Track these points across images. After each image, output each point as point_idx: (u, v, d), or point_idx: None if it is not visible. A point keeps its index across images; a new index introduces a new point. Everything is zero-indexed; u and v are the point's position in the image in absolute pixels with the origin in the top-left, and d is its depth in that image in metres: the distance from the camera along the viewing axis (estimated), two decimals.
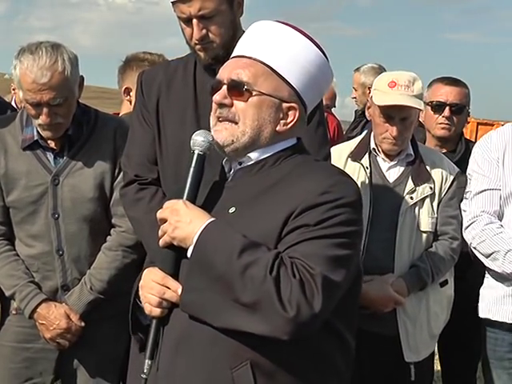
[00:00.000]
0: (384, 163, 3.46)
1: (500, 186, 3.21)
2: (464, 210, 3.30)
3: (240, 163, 2.13)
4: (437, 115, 4.00)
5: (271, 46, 2.08)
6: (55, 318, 3.05)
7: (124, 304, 3.14)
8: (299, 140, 2.18)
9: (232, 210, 2.04)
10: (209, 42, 2.71)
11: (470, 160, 3.35)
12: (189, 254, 1.97)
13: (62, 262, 3.08)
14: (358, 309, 2.15)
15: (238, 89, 2.05)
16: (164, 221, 2.05)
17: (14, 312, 3.18)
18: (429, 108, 4.02)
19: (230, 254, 1.89)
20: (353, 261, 1.99)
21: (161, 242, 2.05)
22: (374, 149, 3.48)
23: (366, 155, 3.46)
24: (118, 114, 4.05)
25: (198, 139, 2.10)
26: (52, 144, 3.06)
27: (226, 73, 2.09)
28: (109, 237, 3.14)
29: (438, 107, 4.00)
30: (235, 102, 2.06)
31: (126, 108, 3.97)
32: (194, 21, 2.68)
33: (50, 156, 3.07)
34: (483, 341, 3.32)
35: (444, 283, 3.48)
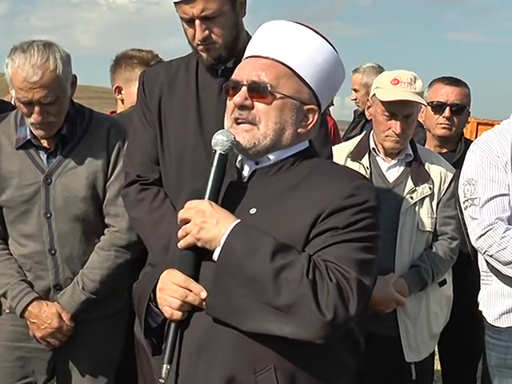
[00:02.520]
0: (384, 163, 3.47)
1: (508, 190, 3.14)
2: (474, 218, 3.15)
3: (257, 163, 2.09)
4: (437, 115, 4.00)
5: (289, 46, 2.04)
6: (47, 317, 3.05)
7: (118, 304, 3.14)
8: (311, 142, 2.16)
9: (253, 210, 2.00)
10: (211, 42, 2.71)
11: (470, 165, 3.20)
12: (215, 256, 1.93)
13: (54, 262, 3.08)
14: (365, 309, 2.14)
15: (259, 91, 2.01)
16: (186, 221, 1.98)
17: (7, 311, 3.17)
18: (429, 108, 4.02)
19: (262, 257, 1.85)
20: (376, 264, 1.98)
21: (182, 243, 1.98)
22: (373, 149, 3.48)
23: (366, 155, 3.46)
24: (115, 111, 4.05)
25: (220, 138, 2.02)
26: (45, 143, 3.05)
27: (245, 74, 2.04)
28: (102, 236, 3.13)
29: (438, 107, 4.00)
30: (256, 103, 2.01)
31: (120, 107, 3.97)
32: (197, 21, 2.68)
33: (43, 155, 3.06)
34: (489, 349, 3.23)
35: (443, 283, 3.48)
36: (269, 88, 2.00)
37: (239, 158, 2.11)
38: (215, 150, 2.02)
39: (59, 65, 2.90)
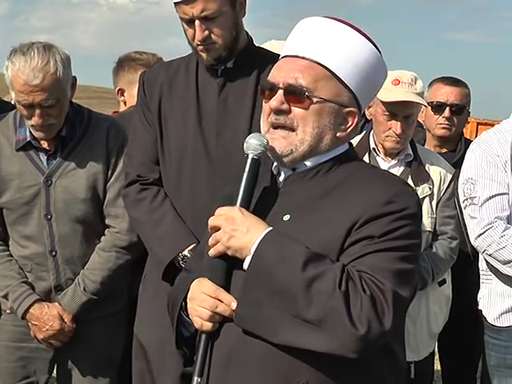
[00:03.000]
0: (384, 163, 3.47)
1: (507, 189, 3.14)
2: (473, 217, 3.16)
3: (294, 169, 1.99)
4: (437, 115, 4.01)
5: (327, 46, 1.93)
6: (48, 319, 3.05)
7: (118, 304, 3.14)
8: (351, 145, 2.06)
9: (286, 217, 1.92)
10: (211, 42, 2.71)
11: (469, 163, 3.22)
12: (245, 265, 1.85)
13: (55, 263, 3.07)
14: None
15: (296, 95, 1.90)
16: (217, 229, 1.90)
17: (8, 311, 3.17)
18: (429, 108, 4.02)
19: (294, 267, 1.77)
20: (415, 275, 1.89)
21: (212, 252, 1.90)
22: (373, 149, 3.49)
23: (366, 155, 3.47)
24: (117, 111, 4.04)
25: (253, 143, 1.94)
26: (45, 145, 3.04)
27: (281, 76, 1.93)
28: (102, 237, 3.12)
29: (438, 107, 4.00)
30: (293, 108, 1.92)
31: (122, 109, 3.96)
32: (197, 22, 2.68)
33: (43, 157, 3.06)
34: (488, 348, 3.24)
35: (442, 282, 3.48)
36: (306, 92, 1.90)
37: (275, 162, 2.02)
38: (247, 155, 1.95)
39: (59, 67, 2.89)
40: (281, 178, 2.01)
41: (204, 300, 1.89)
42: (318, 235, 1.85)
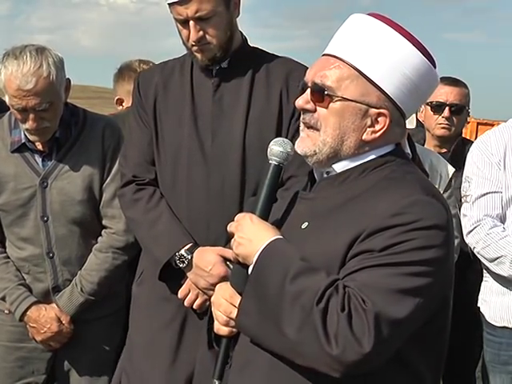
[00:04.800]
0: None
1: (501, 188, 3.16)
2: (465, 215, 3.22)
3: (327, 173, 1.94)
4: (436, 115, 4.01)
5: (362, 46, 1.87)
6: (46, 321, 3.05)
7: (115, 304, 3.15)
8: (397, 146, 1.95)
9: (305, 225, 1.88)
10: (206, 43, 2.70)
11: (467, 162, 3.27)
12: (249, 273, 1.85)
13: (52, 265, 3.07)
14: (446, 344, 1.93)
15: (319, 94, 1.87)
16: (233, 235, 1.92)
17: (6, 312, 3.16)
18: (428, 108, 4.03)
19: (284, 278, 1.73)
20: (428, 291, 1.74)
21: (230, 256, 1.98)
22: None
23: None
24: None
25: (276, 149, 1.94)
26: (40, 146, 3.04)
27: (311, 74, 1.90)
28: (99, 238, 3.12)
29: (437, 107, 4.01)
30: (318, 107, 1.88)
31: None
32: (191, 22, 2.67)
33: (38, 158, 3.05)
34: (485, 345, 3.29)
35: None
36: (326, 91, 1.85)
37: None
38: (270, 161, 1.95)
39: (52, 71, 2.88)
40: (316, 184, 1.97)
41: (221, 304, 1.94)
42: (324, 246, 1.80)
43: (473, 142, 4.40)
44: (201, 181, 2.73)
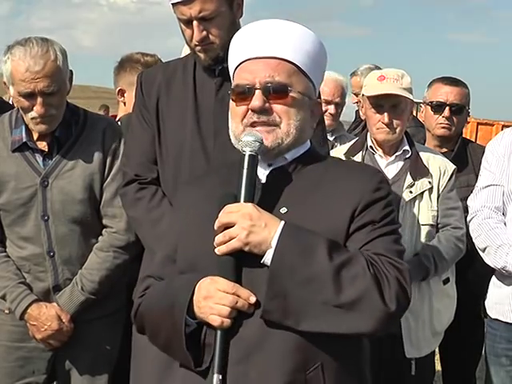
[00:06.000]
0: (382, 160, 3.48)
1: (503, 182, 3.20)
2: (469, 205, 3.31)
3: (269, 164, 2.07)
4: (437, 115, 4.01)
5: (287, 44, 2.03)
6: (46, 319, 3.05)
7: (116, 303, 3.15)
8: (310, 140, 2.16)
9: (283, 210, 1.98)
10: (209, 43, 2.71)
11: (483, 157, 3.36)
12: (267, 259, 1.89)
13: (53, 264, 3.07)
14: None
15: (278, 91, 2.00)
16: (230, 225, 1.92)
17: (6, 311, 3.17)
18: (429, 108, 4.04)
19: (319, 256, 1.86)
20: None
21: (225, 248, 1.92)
22: (371, 146, 3.51)
23: (360, 152, 3.50)
24: (115, 116, 4.03)
25: (249, 139, 1.98)
26: (41, 145, 3.04)
27: (255, 76, 2.01)
28: (100, 237, 3.13)
29: (438, 107, 4.01)
30: (274, 105, 2.00)
31: (122, 110, 3.97)
32: (195, 22, 2.68)
33: (39, 158, 3.05)
34: (486, 337, 3.33)
35: (446, 281, 3.47)
36: (288, 87, 2.00)
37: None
38: (244, 152, 1.98)
39: (59, 56, 2.90)
40: (260, 175, 2.05)
41: (222, 297, 1.91)
42: (322, 224, 1.93)
43: (473, 142, 4.43)
44: None
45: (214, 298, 1.91)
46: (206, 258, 1.98)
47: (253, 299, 1.90)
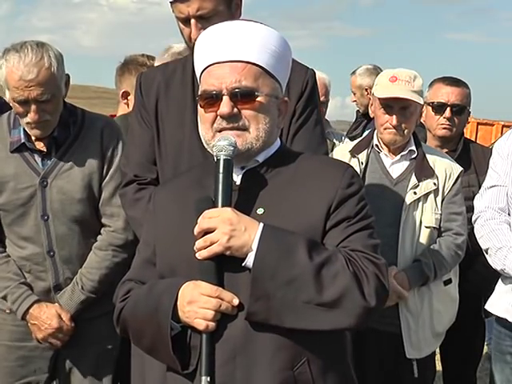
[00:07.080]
0: (387, 159, 3.48)
1: (507, 182, 3.18)
2: (475, 206, 3.30)
3: (242, 167, 2.09)
4: (438, 116, 4.01)
5: (250, 46, 2.03)
6: (47, 317, 3.07)
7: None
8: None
9: (260, 211, 2.01)
10: None
11: (491, 157, 3.34)
12: (248, 262, 1.92)
13: (53, 263, 3.09)
14: None
15: (245, 96, 2.01)
16: (210, 231, 1.94)
17: (7, 311, 3.18)
18: (430, 108, 4.02)
19: (299, 256, 1.89)
20: None
21: (206, 253, 1.93)
22: (376, 145, 3.50)
23: (365, 150, 3.49)
24: (115, 115, 4.02)
25: (222, 144, 1.99)
26: (39, 146, 3.05)
27: (222, 82, 2.01)
28: (99, 236, 3.15)
29: (439, 108, 4.00)
30: (243, 110, 2.01)
31: (122, 109, 3.96)
32: (193, 21, 2.68)
33: (38, 158, 3.06)
34: (492, 333, 3.31)
35: (448, 282, 3.46)
36: (255, 92, 2.01)
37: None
38: (218, 157, 1.99)
39: (53, 63, 2.90)
40: (234, 177, 2.05)
41: (207, 301, 1.93)
42: (299, 223, 1.97)
43: (474, 142, 4.42)
44: None
45: (198, 302, 1.94)
46: (186, 262, 2.00)
47: (236, 301, 1.93)
